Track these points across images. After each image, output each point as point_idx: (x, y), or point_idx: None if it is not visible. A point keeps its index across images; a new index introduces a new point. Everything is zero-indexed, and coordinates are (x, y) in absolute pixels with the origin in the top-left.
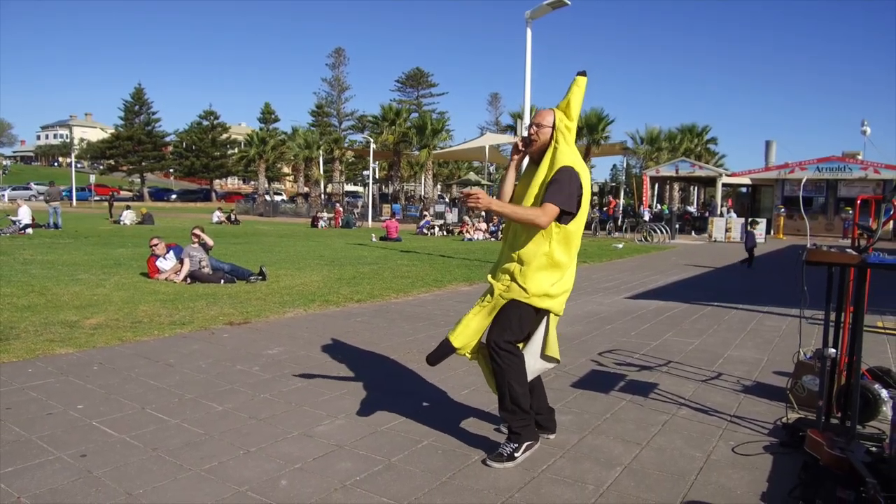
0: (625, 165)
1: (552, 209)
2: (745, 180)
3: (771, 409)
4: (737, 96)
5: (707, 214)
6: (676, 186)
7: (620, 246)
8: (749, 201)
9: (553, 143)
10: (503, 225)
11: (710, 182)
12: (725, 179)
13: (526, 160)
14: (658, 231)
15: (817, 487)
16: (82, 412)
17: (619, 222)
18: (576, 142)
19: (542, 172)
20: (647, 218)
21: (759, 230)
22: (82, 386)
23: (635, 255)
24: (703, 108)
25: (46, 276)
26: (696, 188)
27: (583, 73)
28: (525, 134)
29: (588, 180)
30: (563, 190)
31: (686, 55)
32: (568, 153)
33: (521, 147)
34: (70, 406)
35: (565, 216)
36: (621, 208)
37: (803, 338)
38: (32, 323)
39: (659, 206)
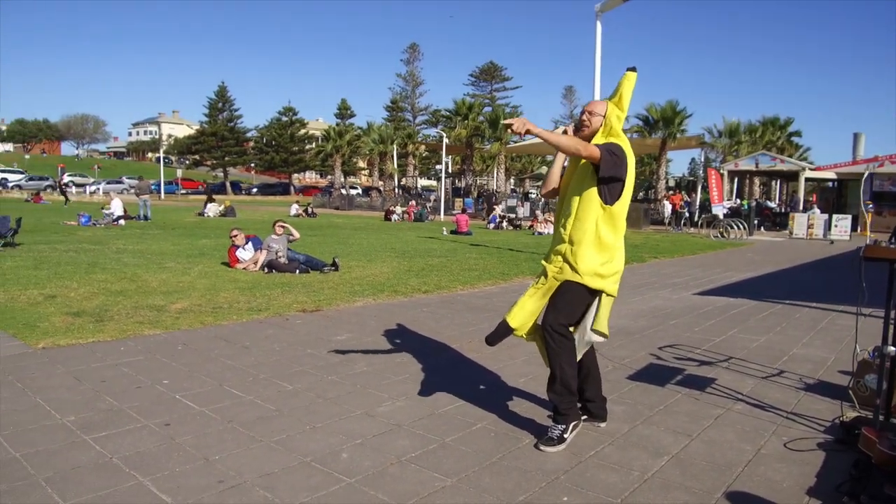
0: (703, 159)
1: (595, 149)
2: (831, 174)
3: (831, 407)
4: (824, 86)
5: (788, 210)
6: (757, 181)
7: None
8: (835, 197)
9: (602, 130)
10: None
11: (792, 176)
12: (809, 174)
13: None
14: (735, 227)
15: (866, 483)
16: (167, 387)
17: (696, 217)
18: (651, 135)
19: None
20: (722, 213)
21: (844, 227)
22: (168, 364)
23: (709, 252)
24: (787, 100)
25: (137, 264)
26: (777, 183)
27: (633, 69)
28: (577, 120)
29: (633, 166)
30: (610, 154)
31: (769, 45)
32: (615, 138)
33: (570, 133)
34: (157, 381)
35: (611, 198)
36: (698, 203)
37: (869, 337)
38: (125, 307)
39: (738, 202)
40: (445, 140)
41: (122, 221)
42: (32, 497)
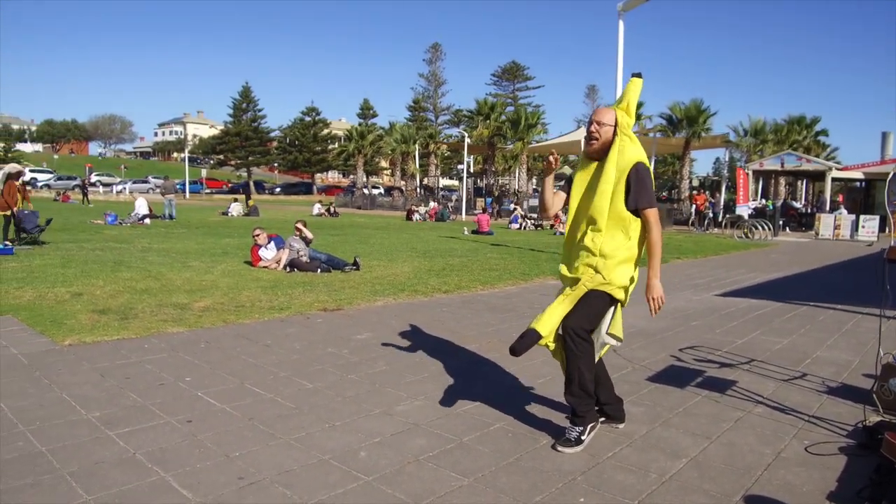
0: (727, 159)
1: (654, 213)
2: (858, 174)
3: (853, 411)
4: (852, 84)
5: (815, 210)
6: (783, 181)
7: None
8: (862, 197)
9: (618, 140)
10: (569, 219)
11: (818, 176)
12: (836, 174)
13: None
14: (759, 227)
15: (887, 488)
16: (190, 384)
17: (720, 217)
18: (674, 134)
19: (610, 168)
20: (747, 214)
21: (871, 227)
22: (190, 361)
23: (732, 252)
24: (815, 98)
25: (161, 262)
26: (804, 183)
27: (638, 75)
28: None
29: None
30: (648, 189)
31: (796, 43)
32: (635, 149)
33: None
34: (179, 378)
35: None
36: (722, 203)
37: (895, 340)
38: (149, 304)
39: (763, 202)
40: (467, 140)
41: (147, 220)
42: (57, 491)
